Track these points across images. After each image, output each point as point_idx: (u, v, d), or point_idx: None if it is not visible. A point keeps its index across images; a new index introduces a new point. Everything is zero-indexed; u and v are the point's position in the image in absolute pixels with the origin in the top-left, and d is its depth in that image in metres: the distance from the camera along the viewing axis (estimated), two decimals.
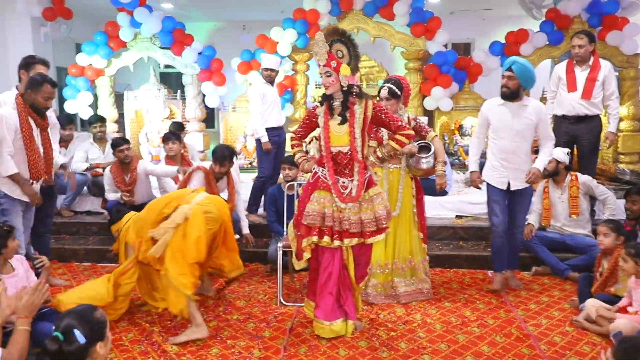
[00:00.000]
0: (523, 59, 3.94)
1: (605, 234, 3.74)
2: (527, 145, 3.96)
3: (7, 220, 3.57)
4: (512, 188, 3.98)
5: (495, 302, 3.96)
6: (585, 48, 4.83)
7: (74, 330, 1.88)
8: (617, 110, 5.15)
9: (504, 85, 3.87)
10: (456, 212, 5.56)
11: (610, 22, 6.63)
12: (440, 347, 3.24)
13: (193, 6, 9.08)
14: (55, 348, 1.86)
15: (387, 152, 3.46)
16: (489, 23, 9.74)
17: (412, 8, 7.12)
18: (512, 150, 3.93)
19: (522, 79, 3.80)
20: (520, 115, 3.88)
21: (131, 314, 3.77)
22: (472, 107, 7.26)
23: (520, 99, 3.89)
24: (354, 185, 3.26)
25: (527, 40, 6.92)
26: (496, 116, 3.97)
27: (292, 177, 4.72)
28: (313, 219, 3.25)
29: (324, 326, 3.31)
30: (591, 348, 3.21)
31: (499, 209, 4.04)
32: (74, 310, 1.98)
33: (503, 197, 4.05)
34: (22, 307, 2.33)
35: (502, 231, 4.06)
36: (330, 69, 3.17)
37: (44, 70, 4.05)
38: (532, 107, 3.90)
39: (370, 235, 3.27)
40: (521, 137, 3.90)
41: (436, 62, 7.17)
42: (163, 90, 7.57)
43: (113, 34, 7.39)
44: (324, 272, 3.32)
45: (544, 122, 3.93)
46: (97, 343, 1.94)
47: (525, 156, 3.96)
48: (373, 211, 3.27)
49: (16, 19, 7.54)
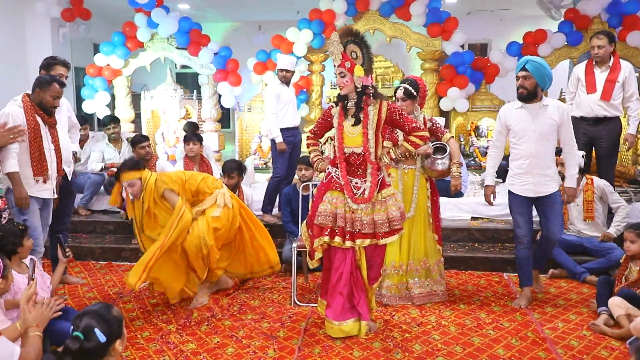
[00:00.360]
0: (538, 57, 3.78)
1: (632, 240, 3.66)
2: (550, 148, 3.74)
3: (26, 219, 3.62)
4: (535, 195, 3.76)
5: (511, 305, 3.92)
6: (605, 49, 4.76)
7: (94, 330, 1.91)
8: (638, 112, 5.06)
9: (520, 86, 3.70)
10: (471, 213, 5.52)
11: (630, 22, 6.54)
12: (455, 350, 3.21)
13: (209, 7, 9.14)
14: (76, 347, 1.89)
15: (401, 154, 3.43)
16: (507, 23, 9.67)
17: (429, 8, 7.09)
18: (535, 154, 3.71)
19: (538, 77, 3.63)
20: (541, 117, 3.68)
21: (147, 313, 3.81)
22: (489, 108, 7.21)
23: (539, 100, 3.71)
24: (367, 187, 3.25)
25: (546, 40, 6.85)
26: (516, 120, 3.78)
27: (307, 177, 4.73)
28: (325, 219, 3.25)
29: (334, 326, 3.33)
30: (609, 353, 3.16)
31: (522, 220, 3.84)
32: (90, 309, 2.00)
33: (527, 206, 3.83)
34: (33, 319, 2.39)
35: (527, 243, 3.85)
36: (344, 70, 3.17)
37: (64, 71, 4.11)
38: (554, 107, 3.70)
39: (383, 236, 3.26)
40: (544, 139, 3.69)
41: (453, 63, 7.13)
42: (179, 90, 7.63)
43: (130, 35, 7.47)
44: (335, 272, 3.33)
45: (566, 124, 3.70)
46: (116, 341, 1.97)
47: (549, 160, 3.74)
48: (386, 212, 3.25)
49: (35, 20, 7.67)
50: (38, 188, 3.75)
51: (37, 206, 3.76)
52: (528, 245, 3.86)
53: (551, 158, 3.75)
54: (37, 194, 3.76)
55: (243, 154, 7.81)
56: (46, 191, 3.82)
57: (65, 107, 4.36)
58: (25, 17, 7.68)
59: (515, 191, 3.84)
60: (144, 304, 3.98)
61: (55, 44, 7.76)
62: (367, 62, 3.19)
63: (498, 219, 5.42)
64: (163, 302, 4.00)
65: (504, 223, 5.32)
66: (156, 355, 3.16)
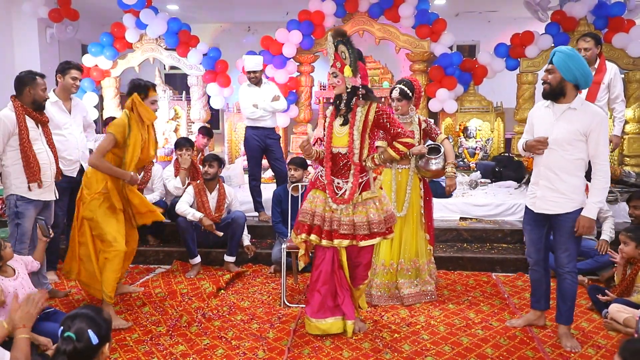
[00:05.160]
0: (567, 47, 3.11)
1: (625, 242, 3.71)
2: (568, 160, 3.09)
3: (19, 223, 3.72)
4: (538, 211, 3.24)
5: (500, 305, 3.95)
6: (591, 51, 4.82)
7: (87, 331, 1.92)
8: (623, 114, 5.14)
9: (544, 81, 3.15)
10: (460, 214, 5.56)
11: (616, 24, 6.62)
12: (444, 349, 3.23)
13: (198, 8, 9.10)
14: (70, 348, 1.90)
15: (384, 160, 3.31)
16: (494, 25, 9.73)
17: (418, 10, 7.14)
18: (546, 163, 3.16)
19: (564, 70, 3.02)
20: (565, 121, 3.09)
21: (135, 315, 3.79)
22: (477, 109, 7.26)
23: (567, 100, 3.10)
24: (348, 187, 3.26)
25: (533, 42, 6.92)
26: (538, 119, 3.25)
27: (297, 178, 4.73)
28: (304, 216, 3.31)
29: (311, 323, 3.37)
30: (596, 351, 3.20)
31: (528, 239, 3.43)
32: (81, 312, 2.01)
33: (536, 223, 3.32)
34: (19, 319, 2.38)
35: (534, 264, 3.41)
36: (336, 70, 3.20)
37: (77, 74, 4.31)
38: (584, 112, 3.06)
39: (363, 238, 3.24)
40: (559, 147, 3.09)
41: (441, 64, 7.18)
42: (168, 91, 7.60)
43: (119, 35, 7.43)
44: (315, 270, 3.39)
45: (597, 135, 3.02)
46: (106, 344, 1.99)
47: (565, 174, 3.10)
48: (366, 215, 3.25)
49: (22, 20, 7.59)
50: (40, 192, 3.79)
51: (33, 212, 3.79)
52: (537, 268, 3.41)
53: (568, 172, 3.11)
54: (40, 197, 3.80)
55: (232, 155, 7.80)
56: (47, 193, 3.86)
57: (81, 107, 4.64)
58: (12, 18, 7.60)
59: (526, 203, 3.40)
60: (132, 306, 3.96)
61: (42, 45, 7.69)
62: (352, 63, 3.18)
63: (486, 219, 5.47)
64: (151, 304, 3.98)
65: (492, 223, 5.37)
66: (145, 358, 3.14)
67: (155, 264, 5.06)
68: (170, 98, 7.54)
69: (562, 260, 3.21)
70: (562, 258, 3.21)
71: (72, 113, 4.41)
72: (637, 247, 3.66)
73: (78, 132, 4.45)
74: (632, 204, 4.38)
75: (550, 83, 3.10)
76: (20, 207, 3.73)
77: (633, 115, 6.45)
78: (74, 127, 4.40)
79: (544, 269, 3.42)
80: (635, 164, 6.44)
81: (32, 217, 3.78)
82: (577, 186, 3.13)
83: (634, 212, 4.35)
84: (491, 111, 7.23)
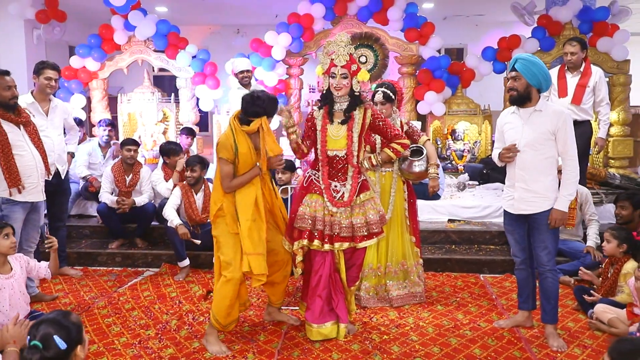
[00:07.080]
0: (527, 54, 3.29)
1: (608, 240, 3.79)
2: (540, 160, 3.24)
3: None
4: (517, 212, 3.34)
5: (487, 306, 3.98)
6: (577, 55, 4.89)
7: (53, 337, 1.87)
8: (608, 116, 5.22)
9: (510, 88, 3.28)
10: (448, 215, 5.60)
11: (600, 28, 6.72)
12: (432, 350, 3.26)
13: (187, 10, 9.09)
14: (37, 357, 1.85)
15: (382, 160, 3.45)
16: (482, 29, 9.83)
17: (406, 13, 7.18)
18: (520, 165, 3.28)
19: (529, 76, 3.17)
20: (532, 123, 3.24)
21: (123, 318, 3.77)
22: (465, 112, 7.31)
23: (532, 104, 3.25)
24: (347, 190, 3.27)
25: (519, 45, 6.99)
26: (508, 126, 3.38)
27: (284, 181, 4.74)
28: (304, 222, 3.27)
29: (312, 329, 3.34)
30: (582, 350, 3.24)
31: (512, 239, 3.50)
32: (46, 318, 1.97)
33: (517, 225, 3.42)
34: (10, 336, 2.38)
35: (521, 264, 3.50)
36: (347, 71, 3.17)
37: (52, 74, 4.19)
38: (549, 113, 3.22)
39: (361, 239, 3.28)
40: (531, 148, 3.23)
41: (429, 67, 7.22)
42: (157, 93, 7.56)
43: (107, 37, 7.38)
44: (314, 275, 3.34)
45: (564, 132, 3.19)
46: (77, 347, 1.94)
47: (538, 174, 3.25)
48: (364, 216, 3.28)
49: (9, 21, 7.53)
50: (26, 193, 3.72)
51: (21, 214, 3.73)
52: (523, 267, 3.50)
53: (542, 171, 3.25)
54: (26, 199, 3.73)
55: None
56: (34, 195, 3.79)
57: (61, 109, 4.48)
58: None
59: (504, 206, 3.50)
60: (120, 310, 3.93)
61: (29, 46, 7.63)
62: (372, 68, 3.18)
63: (474, 221, 5.52)
64: (140, 308, 3.96)
65: (480, 225, 5.41)
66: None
67: (144, 267, 5.02)
68: (158, 100, 7.50)
69: (542, 258, 3.32)
70: (541, 257, 3.32)
71: (50, 115, 4.28)
72: (618, 246, 3.74)
73: (55, 135, 4.29)
74: (619, 204, 4.50)
75: (517, 89, 3.23)
76: (6, 210, 3.68)
77: (617, 118, 6.54)
78: (50, 130, 4.23)
79: (530, 267, 3.51)
80: (620, 166, 6.52)
81: (19, 220, 3.71)
82: (551, 185, 3.27)
83: (621, 212, 4.45)
84: (479, 114, 7.30)
